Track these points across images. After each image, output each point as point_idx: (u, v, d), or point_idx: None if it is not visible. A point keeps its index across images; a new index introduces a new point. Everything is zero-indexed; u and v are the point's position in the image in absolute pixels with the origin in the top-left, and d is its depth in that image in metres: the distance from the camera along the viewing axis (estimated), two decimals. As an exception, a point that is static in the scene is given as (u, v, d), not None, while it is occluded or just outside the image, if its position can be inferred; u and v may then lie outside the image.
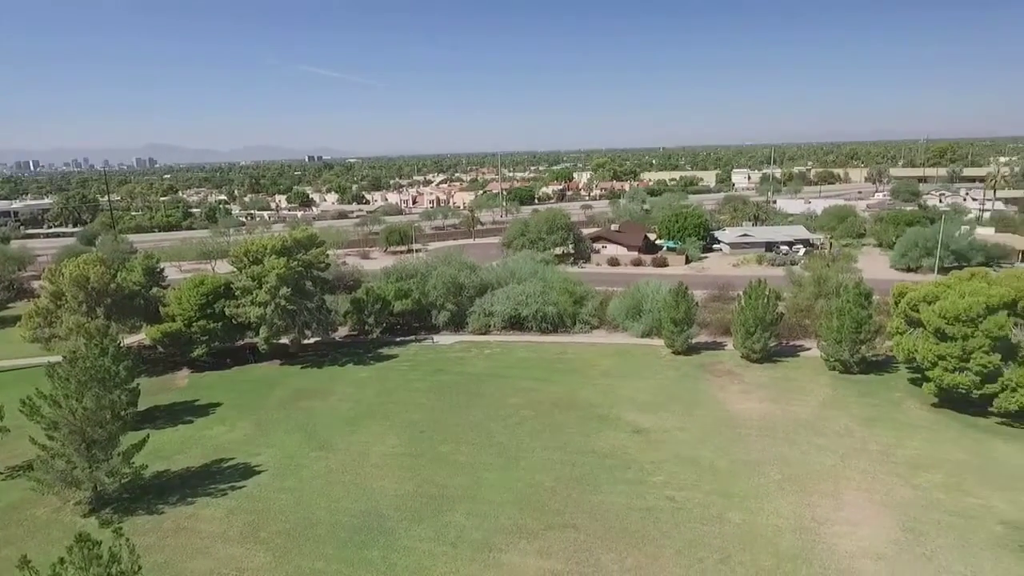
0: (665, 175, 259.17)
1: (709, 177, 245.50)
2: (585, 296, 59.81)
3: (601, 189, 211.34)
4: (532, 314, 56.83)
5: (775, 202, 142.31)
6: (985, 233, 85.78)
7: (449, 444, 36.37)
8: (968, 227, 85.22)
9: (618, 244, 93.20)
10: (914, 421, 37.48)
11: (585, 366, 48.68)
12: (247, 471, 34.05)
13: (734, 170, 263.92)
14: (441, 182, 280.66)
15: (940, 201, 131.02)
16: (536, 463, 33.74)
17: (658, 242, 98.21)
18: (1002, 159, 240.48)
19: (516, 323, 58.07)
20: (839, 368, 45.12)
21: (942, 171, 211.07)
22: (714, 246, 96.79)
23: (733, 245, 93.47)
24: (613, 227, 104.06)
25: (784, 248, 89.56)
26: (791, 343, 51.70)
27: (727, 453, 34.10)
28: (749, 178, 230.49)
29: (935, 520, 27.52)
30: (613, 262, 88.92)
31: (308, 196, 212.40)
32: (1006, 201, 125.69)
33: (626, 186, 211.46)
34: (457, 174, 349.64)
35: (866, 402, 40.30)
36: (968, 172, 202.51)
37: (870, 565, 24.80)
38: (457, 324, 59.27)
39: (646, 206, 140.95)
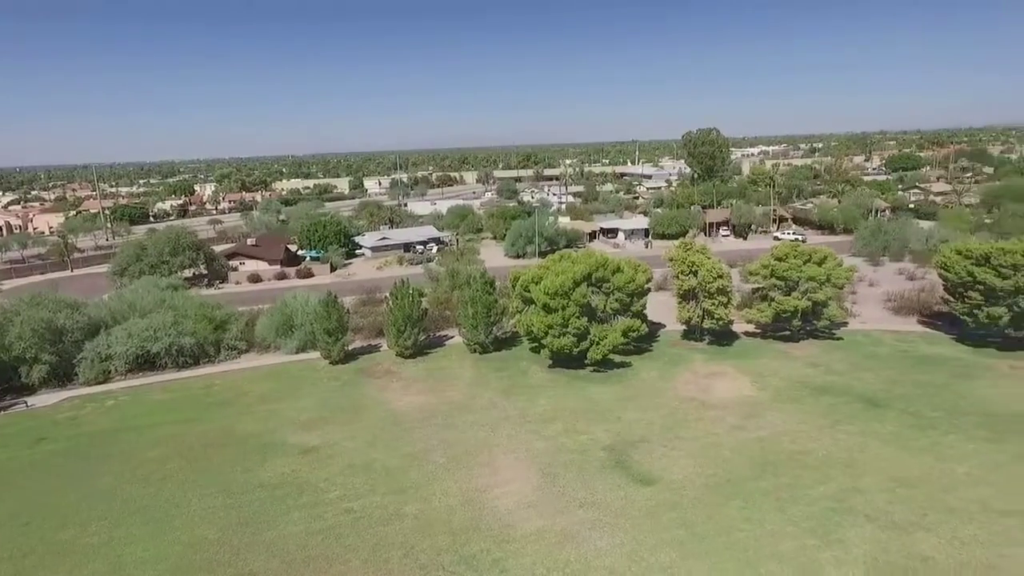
0: (298, 184, 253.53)
1: (343, 184, 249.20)
2: (228, 319, 54.90)
3: (230, 202, 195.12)
4: (165, 349, 49.67)
5: (406, 205, 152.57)
6: (564, 221, 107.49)
7: (71, 528, 29.52)
8: (553, 217, 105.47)
9: (258, 259, 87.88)
10: (539, 383, 45.09)
11: (238, 395, 44.88)
12: None
13: (365, 176, 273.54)
14: (11, 203, 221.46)
15: (532, 197, 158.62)
16: (195, 517, 29.92)
17: (300, 253, 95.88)
18: (568, 161, 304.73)
19: (146, 363, 50.00)
20: (479, 350, 51.27)
21: (530, 172, 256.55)
22: (357, 251, 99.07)
23: (374, 249, 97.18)
24: (250, 241, 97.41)
25: (420, 247, 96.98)
26: (437, 334, 56.56)
27: (396, 450, 35.72)
28: (380, 183, 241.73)
29: (562, 461, 33.78)
30: (255, 279, 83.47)
31: None
32: (574, 195, 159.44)
33: (258, 197, 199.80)
34: (35, 192, 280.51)
35: (503, 375, 46.81)
36: (548, 172, 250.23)
37: (524, 513, 29.16)
38: (63, 377, 48.10)
39: (282, 217, 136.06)
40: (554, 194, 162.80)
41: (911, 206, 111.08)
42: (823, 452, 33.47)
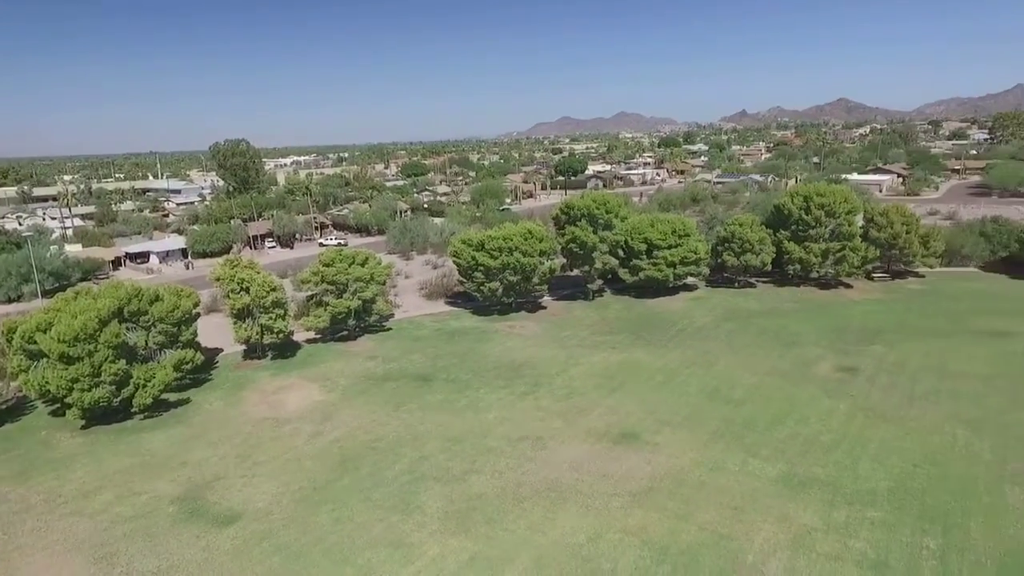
0: None
1: None
2: None
3: None
4: None
5: None
6: (75, 249, 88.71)
7: None
8: (57, 247, 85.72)
9: None
10: (70, 452, 36.48)
11: None
12: None
13: None
14: None
15: (20, 224, 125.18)
16: None
17: None
18: (67, 177, 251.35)
19: None
20: (-35, 433, 38.31)
21: (11, 191, 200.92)
22: None
23: None
24: None
25: None
26: None
27: None
28: None
29: (120, 534, 28.34)
30: None
31: None
32: (83, 217, 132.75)
33: None
34: None
35: (10, 456, 36.14)
36: (39, 191, 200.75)
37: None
38: None
39: None
40: (53, 218, 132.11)
41: (425, 206, 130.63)
42: (393, 434, 37.05)
